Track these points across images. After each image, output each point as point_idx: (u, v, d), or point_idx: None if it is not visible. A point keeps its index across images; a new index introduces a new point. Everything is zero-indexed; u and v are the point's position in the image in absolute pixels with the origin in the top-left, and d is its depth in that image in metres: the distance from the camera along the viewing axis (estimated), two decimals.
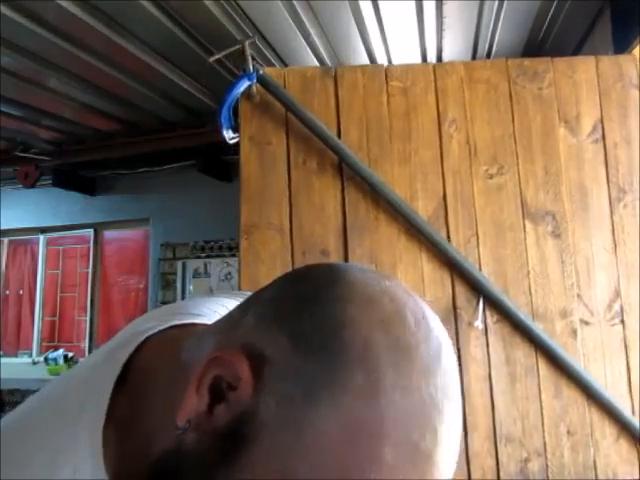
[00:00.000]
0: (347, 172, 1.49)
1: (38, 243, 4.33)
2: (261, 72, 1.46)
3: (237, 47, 1.47)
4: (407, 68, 1.58)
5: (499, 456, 1.41)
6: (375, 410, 0.30)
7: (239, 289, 1.52)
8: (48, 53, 2.05)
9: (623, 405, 1.40)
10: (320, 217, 1.48)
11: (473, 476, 1.40)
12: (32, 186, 3.52)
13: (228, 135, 1.48)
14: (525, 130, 1.55)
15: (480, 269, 1.47)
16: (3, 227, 4.12)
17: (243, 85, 1.45)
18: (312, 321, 0.32)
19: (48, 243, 4.34)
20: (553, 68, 1.58)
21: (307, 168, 1.50)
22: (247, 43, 1.47)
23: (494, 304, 1.45)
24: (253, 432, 0.31)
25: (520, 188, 1.52)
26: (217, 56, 1.50)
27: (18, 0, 1.69)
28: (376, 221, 1.48)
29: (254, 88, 1.48)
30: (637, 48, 1.59)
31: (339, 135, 1.51)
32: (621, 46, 1.66)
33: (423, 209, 1.49)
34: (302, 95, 1.52)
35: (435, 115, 1.55)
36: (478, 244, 1.48)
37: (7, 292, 4.43)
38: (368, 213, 1.48)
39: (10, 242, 4.48)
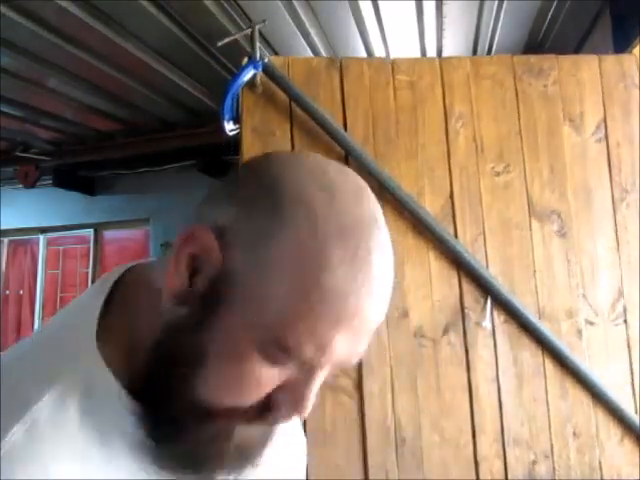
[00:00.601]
0: (353, 166, 1.44)
1: (38, 243, 4.33)
2: (266, 61, 1.40)
3: (247, 31, 1.41)
4: (413, 62, 1.55)
5: (507, 458, 1.39)
6: (316, 228, 0.36)
7: None
8: (48, 53, 2.05)
9: (627, 405, 1.40)
10: None
11: (481, 479, 1.38)
12: (32, 186, 3.52)
13: (228, 127, 1.43)
14: (531, 128, 1.53)
15: (487, 268, 1.45)
16: (3, 227, 4.11)
17: (249, 73, 1.39)
18: (252, 186, 0.40)
19: (48, 243, 4.34)
20: (558, 66, 1.56)
21: None
22: (257, 27, 1.40)
23: (502, 304, 1.43)
24: (228, 283, 0.37)
25: (526, 186, 1.50)
26: (226, 40, 1.45)
27: (18, 0, 1.69)
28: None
29: (258, 78, 1.42)
30: (637, 48, 1.59)
31: (345, 128, 1.47)
32: (621, 46, 1.66)
33: (430, 206, 1.47)
34: (306, 86, 1.48)
35: (442, 110, 1.53)
36: (485, 243, 1.46)
37: (7, 292, 4.42)
38: None
39: (10, 242, 4.48)
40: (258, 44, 1.41)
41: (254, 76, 1.41)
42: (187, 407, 0.40)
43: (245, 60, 1.43)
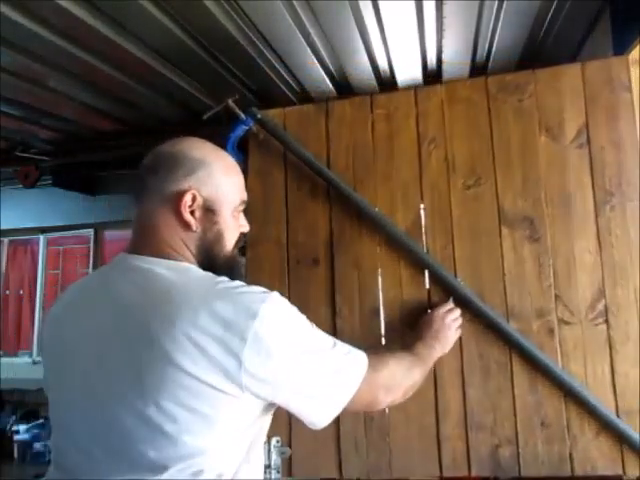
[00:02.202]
0: (334, 194, 1.72)
1: (38, 243, 4.33)
2: (258, 115, 1.76)
3: (224, 105, 1.78)
4: (391, 96, 1.77)
5: (470, 441, 1.51)
6: (225, 159, 1.03)
7: None
8: (48, 53, 2.05)
9: (605, 404, 1.44)
10: (312, 232, 1.74)
11: (444, 457, 1.52)
12: (32, 186, 3.52)
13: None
14: (504, 141, 1.63)
15: (455, 273, 1.58)
16: (3, 227, 4.12)
17: (241, 130, 1.78)
18: (184, 163, 0.95)
19: (48, 243, 4.34)
20: (535, 79, 1.66)
21: (301, 193, 1.77)
22: (230, 101, 1.76)
23: (466, 304, 1.54)
24: (209, 203, 0.96)
25: (497, 196, 1.61)
26: (210, 113, 1.80)
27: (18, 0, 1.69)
28: (359, 233, 1.69)
29: (254, 128, 1.79)
30: (637, 49, 1.59)
31: (329, 161, 1.74)
32: (621, 46, 1.66)
33: (402, 221, 1.65)
34: (299, 130, 1.79)
35: (415, 136, 1.70)
36: (454, 250, 1.60)
37: (7, 292, 4.43)
38: (352, 227, 1.69)
39: (10, 242, 4.49)
40: (239, 110, 1.78)
41: (250, 128, 1.79)
42: (228, 261, 0.99)
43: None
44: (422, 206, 1.68)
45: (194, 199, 0.92)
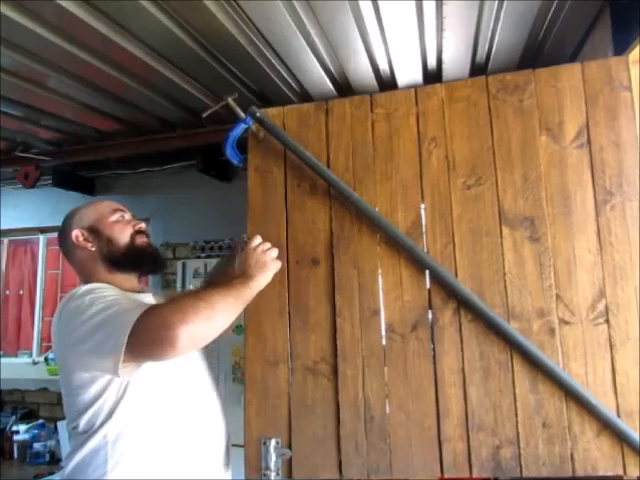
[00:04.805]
0: (334, 192, 1.69)
1: (38, 243, 4.33)
2: (258, 114, 1.71)
3: (224, 102, 1.72)
4: (391, 95, 1.75)
5: (471, 442, 1.50)
6: (86, 203, 1.63)
7: None
8: (48, 53, 2.05)
9: (606, 404, 1.43)
10: (311, 231, 1.72)
11: (445, 458, 1.51)
12: (32, 186, 3.52)
13: (240, 166, 1.81)
14: (504, 141, 1.62)
15: (456, 273, 1.57)
16: (3, 227, 4.12)
17: (240, 129, 1.74)
18: (70, 216, 1.59)
19: (48, 243, 4.34)
20: (535, 79, 1.66)
21: (301, 191, 1.74)
22: (230, 99, 1.71)
23: (468, 304, 1.54)
24: (93, 229, 1.53)
25: (498, 196, 1.60)
26: (209, 111, 1.77)
27: (18, 0, 1.69)
28: (359, 233, 1.67)
29: (253, 127, 1.75)
30: (637, 48, 1.59)
31: (328, 160, 1.73)
32: (621, 46, 1.66)
33: (402, 221, 1.64)
34: (299, 129, 1.77)
35: (415, 135, 1.69)
36: (454, 250, 1.59)
37: (7, 292, 4.42)
38: (352, 226, 1.67)
39: (10, 242, 4.48)
40: (238, 108, 1.72)
41: (250, 127, 1.74)
42: (132, 247, 1.52)
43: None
44: (422, 206, 1.66)
45: (82, 233, 1.50)
